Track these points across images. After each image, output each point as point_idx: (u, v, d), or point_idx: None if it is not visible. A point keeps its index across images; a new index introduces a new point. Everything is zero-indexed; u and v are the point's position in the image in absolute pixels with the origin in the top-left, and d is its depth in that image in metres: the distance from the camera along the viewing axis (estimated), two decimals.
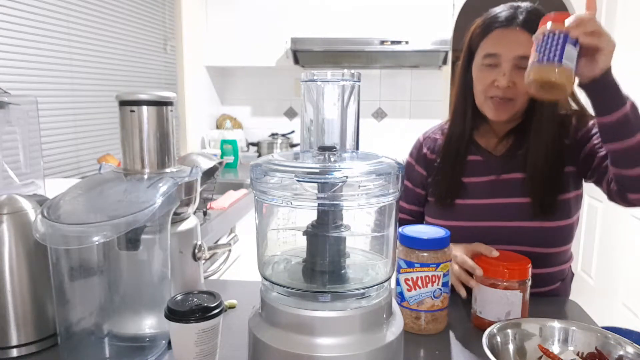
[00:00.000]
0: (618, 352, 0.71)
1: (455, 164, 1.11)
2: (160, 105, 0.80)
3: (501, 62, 1.00)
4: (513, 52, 0.99)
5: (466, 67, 1.09)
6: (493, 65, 1.01)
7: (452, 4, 2.78)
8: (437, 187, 1.13)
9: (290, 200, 0.67)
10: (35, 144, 0.99)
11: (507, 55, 0.99)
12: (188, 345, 0.68)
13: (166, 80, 2.68)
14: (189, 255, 0.85)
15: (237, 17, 2.91)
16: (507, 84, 0.99)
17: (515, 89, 1.00)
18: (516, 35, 0.99)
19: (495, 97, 1.02)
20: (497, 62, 1.01)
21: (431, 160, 1.17)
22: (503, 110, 1.03)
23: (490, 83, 1.02)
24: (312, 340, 0.65)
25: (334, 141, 0.71)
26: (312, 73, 0.70)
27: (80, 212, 0.72)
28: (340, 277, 0.71)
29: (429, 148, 1.18)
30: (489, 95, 1.03)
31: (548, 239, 1.05)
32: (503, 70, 1.00)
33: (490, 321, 0.86)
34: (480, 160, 1.11)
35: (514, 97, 1.01)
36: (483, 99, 1.05)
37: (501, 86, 1.00)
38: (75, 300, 0.76)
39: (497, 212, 1.06)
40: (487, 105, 1.05)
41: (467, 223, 1.08)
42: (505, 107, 1.03)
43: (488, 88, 1.03)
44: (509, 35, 1.00)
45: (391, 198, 0.69)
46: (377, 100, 3.27)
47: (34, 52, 1.71)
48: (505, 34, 1.00)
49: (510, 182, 1.07)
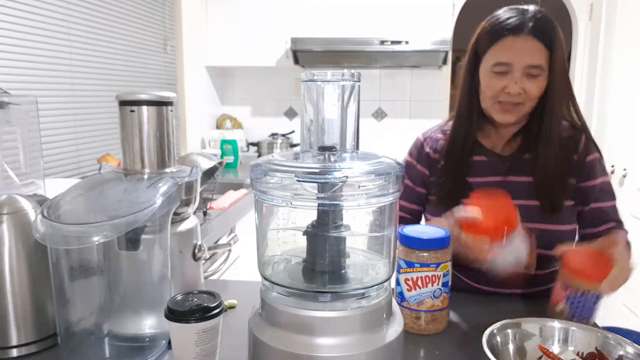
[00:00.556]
0: (618, 352, 0.71)
1: (459, 164, 1.12)
2: (160, 105, 0.80)
3: (512, 70, 1.00)
4: (524, 61, 0.99)
5: (472, 70, 1.08)
6: (504, 73, 1.02)
7: (452, 4, 2.78)
8: (441, 188, 1.13)
9: (290, 200, 0.67)
10: (35, 144, 0.99)
11: (519, 64, 0.99)
12: (188, 345, 0.68)
13: (166, 80, 2.68)
14: (189, 255, 0.85)
15: (237, 17, 2.91)
16: (518, 91, 1.00)
17: (525, 95, 1.01)
18: (526, 44, 0.99)
19: (505, 102, 1.03)
20: (508, 70, 1.01)
21: (434, 159, 1.16)
22: (511, 114, 1.04)
23: (500, 90, 1.02)
24: (312, 340, 0.65)
25: (334, 141, 0.71)
26: (312, 73, 0.70)
27: (80, 212, 0.72)
28: (340, 277, 0.71)
29: (432, 147, 1.18)
30: (498, 100, 1.04)
31: (552, 240, 1.05)
32: (514, 79, 1.00)
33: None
34: (484, 160, 1.12)
35: (523, 102, 1.02)
36: (491, 103, 1.05)
37: (513, 93, 1.00)
38: (75, 300, 0.76)
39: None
40: (494, 108, 1.05)
41: None
42: (513, 110, 1.03)
43: (498, 94, 1.03)
44: (519, 43, 1.00)
45: (391, 198, 0.69)
46: (377, 100, 3.27)
47: (34, 52, 1.71)
48: (516, 41, 1.00)
49: (517, 185, 1.08)
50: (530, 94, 1.01)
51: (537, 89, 1.01)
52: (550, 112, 1.04)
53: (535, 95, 1.01)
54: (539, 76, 1.00)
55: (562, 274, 0.88)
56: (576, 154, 1.08)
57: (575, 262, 0.86)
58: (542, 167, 1.05)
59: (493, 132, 1.12)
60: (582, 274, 0.84)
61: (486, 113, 1.08)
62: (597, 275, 0.83)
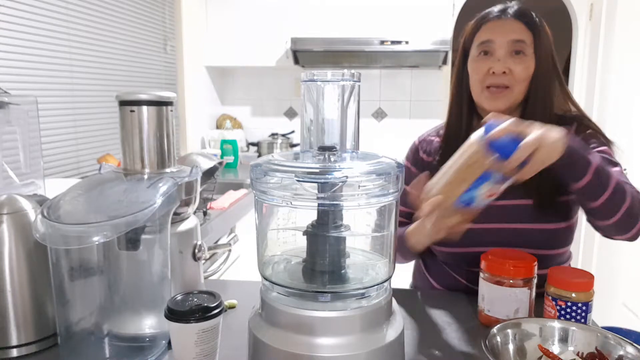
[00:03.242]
0: (618, 352, 0.71)
1: None
2: (160, 105, 0.80)
3: (495, 48, 1.03)
4: (507, 37, 1.02)
5: (461, 66, 1.10)
6: (488, 53, 1.04)
7: (452, 4, 2.78)
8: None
9: (290, 200, 0.67)
10: (35, 144, 0.99)
11: (501, 41, 1.02)
12: (188, 345, 0.68)
13: (166, 80, 2.68)
14: (189, 255, 0.85)
15: (237, 17, 2.91)
16: (502, 69, 1.01)
17: (512, 76, 1.02)
18: (509, 23, 1.03)
19: (492, 85, 1.03)
20: (492, 48, 1.03)
21: (428, 162, 1.17)
22: (500, 100, 1.04)
23: (486, 71, 1.03)
24: (312, 340, 0.65)
25: (334, 141, 0.71)
26: (312, 73, 0.70)
27: (80, 212, 0.72)
28: (340, 277, 0.71)
29: (425, 151, 1.19)
30: (485, 84, 1.04)
31: (549, 241, 1.05)
32: (498, 57, 1.02)
33: (498, 319, 0.86)
34: None
35: (510, 85, 1.02)
36: (480, 90, 1.06)
37: (497, 72, 1.02)
38: (75, 300, 0.76)
39: (497, 213, 1.06)
40: (484, 95, 1.06)
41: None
42: (501, 95, 1.03)
43: (484, 77, 1.04)
44: (502, 24, 1.03)
45: (391, 198, 0.69)
46: (377, 100, 3.27)
47: (34, 52, 1.71)
48: (499, 23, 1.04)
49: (511, 184, 1.07)
50: (516, 75, 1.01)
51: (522, 69, 1.01)
52: (534, 99, 1.03)
53: (522, 77, 1.01)
54: (524, 56, 1.01)
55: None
56: None
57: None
58: None
59: None
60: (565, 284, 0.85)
61: (478, 104, 1.09)
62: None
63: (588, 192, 0.87)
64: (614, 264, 2.61)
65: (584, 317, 0.82)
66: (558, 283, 0.84)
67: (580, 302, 0.82)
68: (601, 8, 2.74)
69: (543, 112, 1.03)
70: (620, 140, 1.08)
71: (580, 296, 0.82)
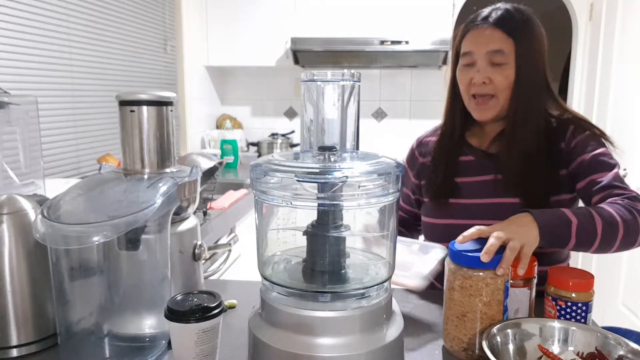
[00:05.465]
0: (618, 352, 0.71)
1: (446, 163, 1.13)
2: (160, 105, 0.80)
3: (476, 59, 1.04)
4: (485, 47, 1.02)
5: (454, 70, 1.12)
6: (470, 64, 1.05)
7: (452, 4, 2.78)
8: (430, 187, 1.15)
9: (290, 200, 0.67)
10: (35, 144, 0.99)
11: (480, 52, 1.03)
12: (188, 345, 0.68)
13: (166, 80, 2.68)
14: (189, 255, 0.85)
15: (237, 17, 2.91)
16: (482, 80, 1.03)
17: (493, 85, 1.03)
18: (486, 32, 1.03)
19: (477, 94, 1.05)
20: (473, 60, 1.04)
21: (423, 163, 1.20)
22: (486, 109, 1.06)
23: (468, 82, 1.05)
24: (312, 340, 0.65)
25: (334, 141, 0.71)
26: (312, 73, 0.70)
27: (80, 212, 0.72)
28: (340, 277, 0.71)
29: (421, 153, 1.22)
30: (471, 93, 1.06)
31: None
32: (478, 67, 1.04)
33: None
34: (472, 160, 1.13)
35: (494, 93, 1.04)
36: (468, 99, 1.08)
37: (477, 83, 1.03)
38: (75, 300, 0.76)
39: (492, 211, 1.06)
40: (471, 105, 1.08)
41: (462, 221, 1.08)
42: (487, 105, 1.05)
43: (468, 87, 1.06)
44: (480, 34, 1.04)
45: (391, 198, 0.69)
46: (377, 100, 3.27)
47: (34, 52, 1.71)
48: (479, 32, 1.04)
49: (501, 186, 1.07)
50: (497, 84, 1.02)
51: (503, 78, 1.02)
52: (519, 105, 1.03)
53: (503, 86, 1.02)
54: (504, 64, 1.02)
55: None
56: (564, 141, 1.05)
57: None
58: (506, 164, 1.05)
59: (479, 130, 1.15)
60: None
61: (469, 111, 1.10)
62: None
63: (580, 248, 0.88)
64: (613, 264, 2.61)
65: (584, 317, 0.82)
66: (558, 283, 0.84)
67: (580, 302, 0.82)
68: (601, 8, 2.74)
69: (531, 118, 1.03)
70: (620, 140, 1.07)
71: (580, 296, 0.82)
